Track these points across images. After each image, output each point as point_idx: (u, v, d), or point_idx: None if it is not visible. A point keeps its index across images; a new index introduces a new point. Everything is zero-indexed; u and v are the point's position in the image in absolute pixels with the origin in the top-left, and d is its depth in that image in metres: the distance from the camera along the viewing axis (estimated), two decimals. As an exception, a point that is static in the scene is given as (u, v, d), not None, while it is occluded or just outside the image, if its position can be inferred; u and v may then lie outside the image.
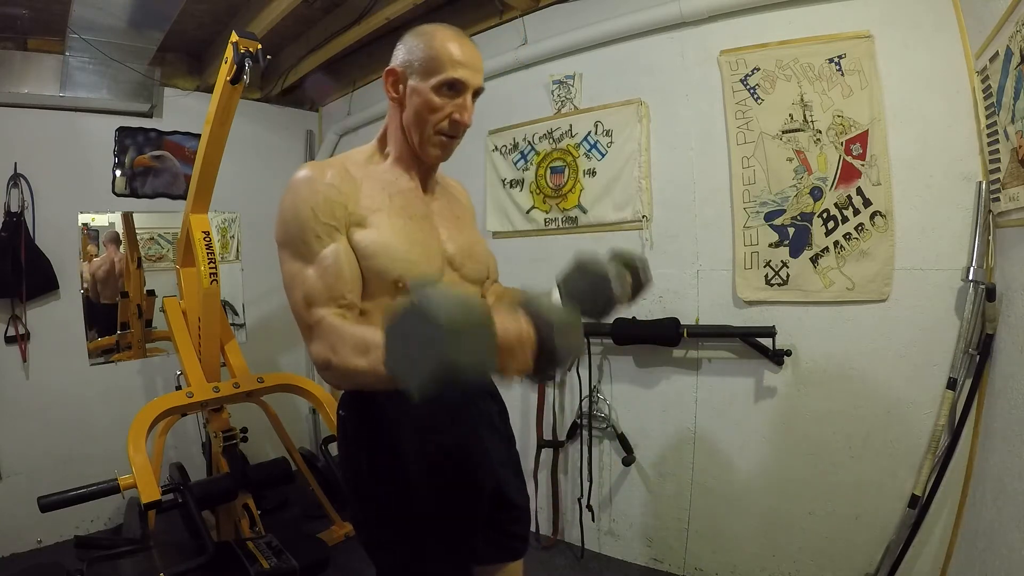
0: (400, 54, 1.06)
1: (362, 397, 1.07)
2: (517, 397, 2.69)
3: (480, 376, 0.64)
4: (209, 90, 2.73)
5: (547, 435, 2.58)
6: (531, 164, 2.64)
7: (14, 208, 2.67)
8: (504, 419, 1.26)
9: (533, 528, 2.26)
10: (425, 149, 1.07)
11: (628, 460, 2.32)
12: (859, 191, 1.87)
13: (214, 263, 2.22)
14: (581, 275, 1.02)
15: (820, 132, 1.93)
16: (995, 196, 1.58)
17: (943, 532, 1.74)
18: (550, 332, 0.70)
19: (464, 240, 1.15)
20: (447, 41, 1.02)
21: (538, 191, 2.62)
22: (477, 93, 1.06)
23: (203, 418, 2.58)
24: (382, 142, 1.13)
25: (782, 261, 2.01)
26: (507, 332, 0.71)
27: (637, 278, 1.13)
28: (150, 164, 3.09)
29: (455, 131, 1.06)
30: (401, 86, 1.06)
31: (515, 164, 2.69)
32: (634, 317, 2.29)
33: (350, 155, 1.10)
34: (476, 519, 1.11)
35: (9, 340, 2.67)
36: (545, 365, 0.71)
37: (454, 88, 1.02)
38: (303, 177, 0.99)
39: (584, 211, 2.48)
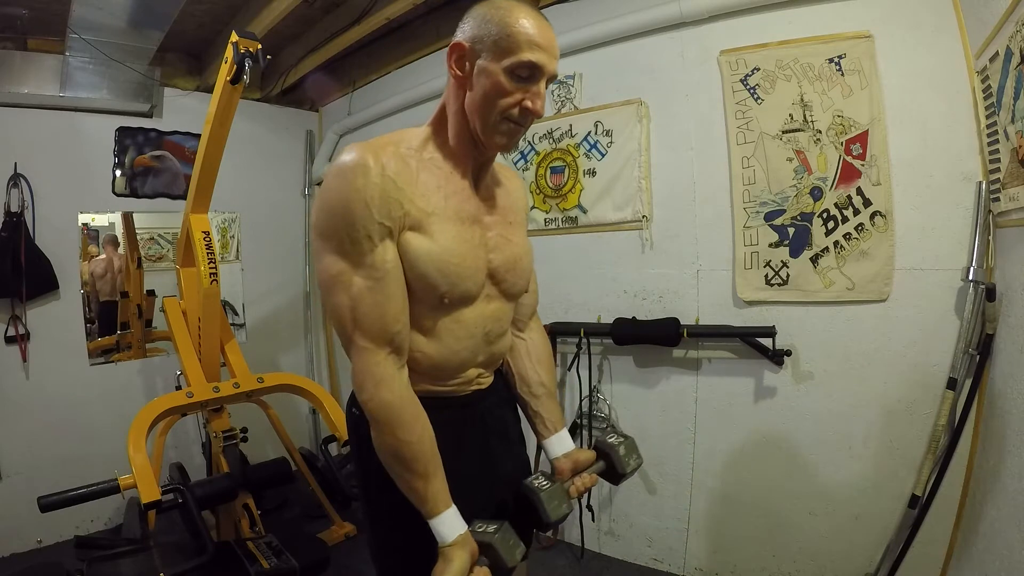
0: (468, 28, 0.94)
1: None
2: (517, 397, 2.68)
3: None
4: (209, 90, 2.73)
5: (547, 435, 2.57)
6: (531, 164, 2.63)
7: (14, 208, 2.67)
8: (517, 425, 1.26)
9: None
10: (489, 137, 0.96)
11: (628, 460, 2.32)
12: (859, 191, 1.87)
13: (214, 263, 2.22)
14: (525, 503, 1.09)
15: (820, 132, 1.93)
16: (995, 196, 1.58)
17: (943, 532, 1.74)
18: (503, 565, 0.96)
19: (511, 252, 1.07)
20: (523, 18, 0.91)
21: (538, 191, 2.62)
22: (551, 80, 0.96)
23: (203, 418, 2.58)
24: (437, 125, 1.02)
25: (782, 261, 2.01)
26: None
27: (613, 469, 1.21)
28: (150, 164, 3.10)
29: (524, 119, 0.96)
30: (467, 64, 0.94)
31: (515, 164, 2.69)
32: (634, 317, 2.29)
33: (404, 137, 0.99)
34: None
35: (9, 340, 2.67)
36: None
37: (529, 72, 0.92)
38: (357, 162, 0.89)
39: (584, 211, 2.48)
